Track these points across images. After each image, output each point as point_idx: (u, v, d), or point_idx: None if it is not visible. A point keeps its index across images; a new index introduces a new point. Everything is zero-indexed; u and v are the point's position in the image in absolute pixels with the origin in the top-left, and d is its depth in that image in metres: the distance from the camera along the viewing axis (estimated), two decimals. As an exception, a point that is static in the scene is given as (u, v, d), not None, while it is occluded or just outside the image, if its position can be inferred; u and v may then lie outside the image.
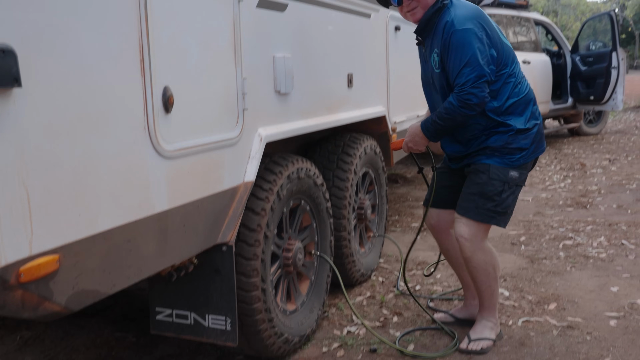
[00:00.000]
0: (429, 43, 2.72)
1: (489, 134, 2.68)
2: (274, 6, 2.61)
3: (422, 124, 2.72)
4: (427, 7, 2.64)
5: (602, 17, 9.37)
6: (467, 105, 2.52)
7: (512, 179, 2.69)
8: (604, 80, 8.94)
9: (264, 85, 2.57)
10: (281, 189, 2.69)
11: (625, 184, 6.46)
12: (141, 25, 1.85)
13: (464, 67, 2.50)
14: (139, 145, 1.87)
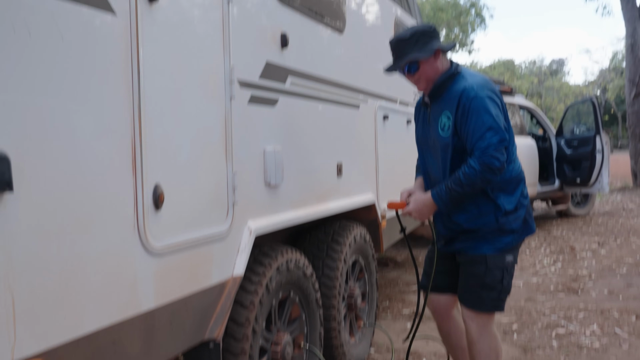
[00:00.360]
0: (437, 106, 2.73)
1: (479, 213, 2.68)
2: (264, 101, 2.68)
3: (434, 193, 2.66)
4: (431, 78, 2.70)
5: (585, 102, 9.65)
6: (490, 169, 2.51)
7: (509, 264, 2.70)
8: (589, 164, 9.10)
9: (254, 178, 2.60)
10: (270, 282, 2.67)
11: (615, 269, 6.45)
12: (134, 125, 1.89)
13: (487, 131, 2.52)
14: (128, 244, 1.87)
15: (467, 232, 2.73)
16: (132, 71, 1.89)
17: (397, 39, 2.71)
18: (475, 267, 2.70)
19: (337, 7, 3.47)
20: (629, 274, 6.19)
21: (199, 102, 2.22)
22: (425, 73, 2.69)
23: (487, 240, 2.68)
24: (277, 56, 2.77)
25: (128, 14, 1.87)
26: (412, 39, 2.66)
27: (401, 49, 2.69)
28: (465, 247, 2.75)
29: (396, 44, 2.71)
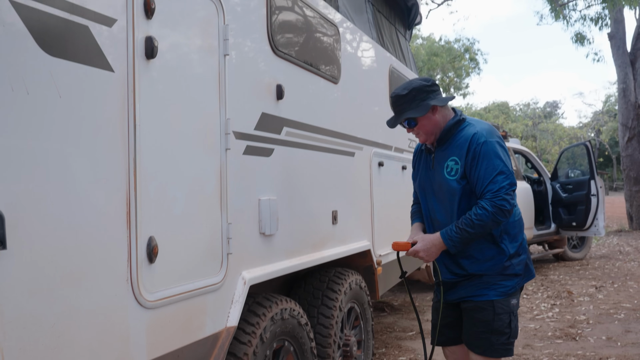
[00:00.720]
0: (442, 152, 2.77)
1: (484, 258, 2.69)
2: (260, 152, 2.71)
3: (444, 233, 2.65)
4: (431, 131, 2.74)
5: (579, 147, 9.74)
6: (501, 211, 2.54)
7: (514, 307, 2.71)
8: (584, 207, 9.13)
9: (249, 228, 2.61)
10: (264, 332, 2.65)
11: (613, 314, 6.40)
12: (129, 178, 1.91)
13: (498, 175, 2.56)
14: (120, 298, 1.87)
15: (471, 277, 2.72)
16: (129, 125, 1.92)
17: (395, 95, 2.75)
18: (482, 313, 2.69)
19: (332, 59, 3.54)
20: (627, 319, 6.14)
21: (195, 154, 2.24)
22: (424, 127, 2.74)
23: (491, 286, 2.69)
24: (272, 107, 2.82)
25: (126, 71, 1.92)
26: (409, 96, 2.70)
27: (399, 105, 2.74)
28: (470, 293, 2.74)
29: (395, 100, 2.76)
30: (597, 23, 14.61)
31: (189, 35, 2.23)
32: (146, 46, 1.99)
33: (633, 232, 15.09)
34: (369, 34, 4.36)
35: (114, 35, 1.88)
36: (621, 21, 15.53)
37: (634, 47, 15.60)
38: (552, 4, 15.32)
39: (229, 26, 2.47)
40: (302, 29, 3.18)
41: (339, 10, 3.80)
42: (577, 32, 15.36)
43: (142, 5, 1.99)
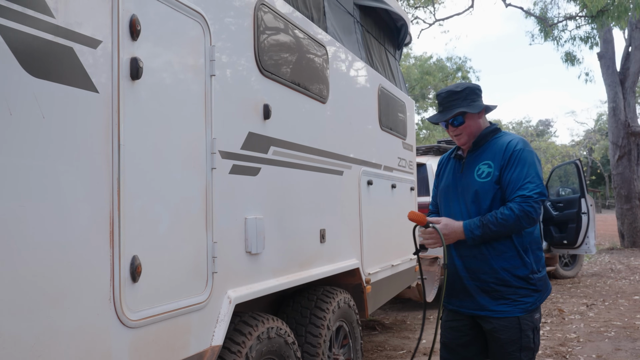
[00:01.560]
0: (475, 157, 2.81)
1: (522, 263, 2.69)
2: (246, 171, 2.73)
3: (466, 225, 2.67)
4: (472, 134, 2.80)
5: (569, 165, 9.81)
6: (527, 216, 2.58)
7: (537, 321, 2.73)
8: (575, 226, 9.16)
9: (234, 247, 2.62)
10: (250, 351, 2.65)
11: (603, 332, 6.41)
12: (113, 197, 1.93)
13: (529, 183, 2.62)
14: (103, 317, 1.87)
15: (495, 289, 2.71)
16: (113, 145, 1.94)
17: (449, 91, 2.80)
18: (508, 333, 2.68)
19: (321, 79, 3.57)
20: (618, 337, 6.15)
21: (180, 173, 2.26)
22: (469, 128, 2.79)
23: (512, 302, 2.68)
24: (259, 127, 2.84)
25: (110, 91, 1.94)
26: (463, 93, 2.77)
27: (451, 101, 2.78)
28: (490, 307, 2.72)
29: (447, 96, 2.79)
30: (587, 42, 14.76)
31: (174, 56, 2.26)
32: (131, 67, 2.02)
33: (625, 249, 15.13)
34: (357, 54, 4.40)
35: (99, 57, 1.91)
36: (610, 41, 15.72)
37: (623, 66, 15.78)
38: (541, 24, 15.49)
39: (216, 47, 2.50)
40: (290, 50, 3.22)
41: (328, 31, 3.84)
42: (567, 52, 15.51)
43: (128, 27, 2.02)
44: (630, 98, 15.50)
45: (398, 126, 5.25)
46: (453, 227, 2.69)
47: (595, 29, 14.45)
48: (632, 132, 15.33)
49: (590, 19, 13.33)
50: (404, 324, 6.97)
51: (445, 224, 2.69)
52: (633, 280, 10.15)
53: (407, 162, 5.53)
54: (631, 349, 5.62)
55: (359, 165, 4.18)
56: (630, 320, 6.89)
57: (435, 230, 2.68)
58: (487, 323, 2.75)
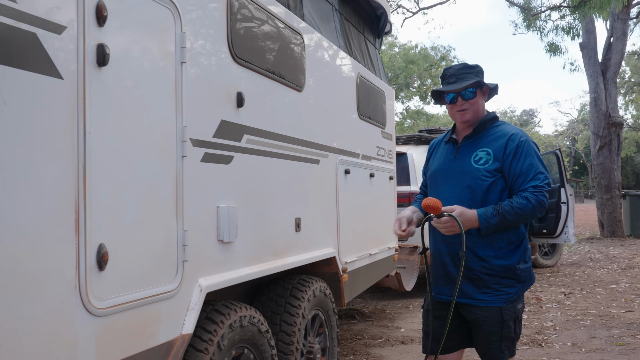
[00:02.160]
0: (471, 142, 2.82)
1: (508, 252, 2.73)
2: (218, 159, 2.71)
3: (481, 213, 2.63)
4: (477, 112, 2.82)
5: (549, 155, 9.87)
6: (541, 205, 2.64)
7: (520, 311, 2.77)
8: (555, 215, 9.24)
9: (206, 235, 2.61)
10: (222, 339, 2.65)
11: (580, 320, 6.49)
12: (79, 185, 1.91)
13: (539, 173, 2.68)
14: (68, 305, 1.86)
15: (479, 278, 2.72)
16: (78, 132, 1.92)
17: (463, 64, 2.84)
18: (491, 322, 2.71)
19: (297, 67, 3.56)
20: (593, 325, 6.24)
21: (149, 161, 2.24)
22: (477, 104, 2.81)
23: (495, 292, 2.71)
24: (232, 115, 2.83)
25: (76, 78, 1.91)
26: (476, 69, 2.83)
27: (465, 74, 2.80)
28: (472, 294, 2.74)
29: (461, 68, 2.82)
30: (569, 33, 14.83)
31: (143, 42, 2.24)
32: (98, 54, 1.99)
33: (604, 239, 15.31)
34: (336, 42, 4.39)
35: (64, 43, 1.88)
36: (592, 31, 15.81)
37: (604, 57, 15.89)
38: (525, 14, 15.54)
39: (187, 34, 2.48)
40: (265, 37, 3.20)
41: (305, 19, 3.82)
42: (551, 42, 15.59)
43: (94, 13, 1.99)
44: (611, 88, 15.63)
45: (377, 115, 5.26)
46: (468, 216, 2.64)
47: (577, 20, 14.52)
48: (613, 123, 15.48)
49: (572, 9, 13.38)
50: (383, 313, 7.02)
51: (460, 212, 2.63)
52: (611, 269, 10.29)
53: (387, 151, 5.54)
54: (606, 337, 5.71)
55: (336, 154, 4.18)
56: (606, 309, 6.99)
57: (453, 218, 2.60)
58: (470, 313, 2.78)
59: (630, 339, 5.58)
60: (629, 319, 6.45)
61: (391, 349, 5.39)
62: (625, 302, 7.39)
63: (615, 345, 5.40)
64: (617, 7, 12.78)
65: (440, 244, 2.83)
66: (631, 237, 15.20)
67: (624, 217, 15.52)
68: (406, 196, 7.34)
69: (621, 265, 10.71)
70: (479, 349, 2.83)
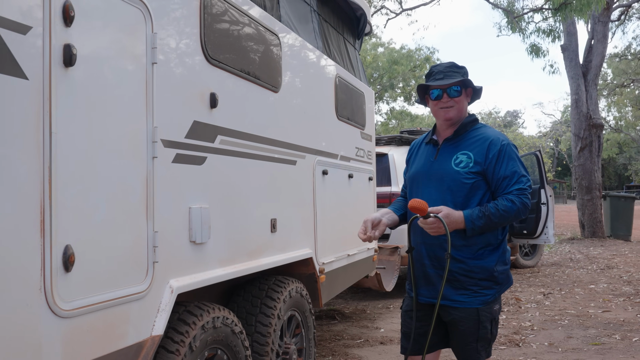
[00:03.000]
0: (451, 145, 2.83)
1: (483, 253, 2.74)
2: (191, 160, 2.71)
3: (467, 215, 2.65)
4: (460, 112, 2.83)
5: (529, 157, 9.95)
6: (525, 208, 2.68)
7: (496, 312, 2.79)
8: (535, 216, 9.32)
9: (177, 236, 2.61)
10: (194, 340, 2.65)
11: (557, 320, 6.56)
12: (44, 186, 1.90)
13: (522, 177, 2.72)
14: (33, 307, 1.85)
15: (457, 279, 2.74)
16: (44, 133, 1.90)
17: (450, 63, 2.86)
18: (467, 324, 2.73)
19: (272, 68, 3.56)
20: (571, 325, 6.30)
21: (118, 162, 2.23)
22: (461, 103, 2.83)
23: (472, 294, 2.73)
24: (205, 116, 2.82)
25: (41, 78, 1.90)
26: (463, 70, 2.86)
27: (452, 72, 2.82)
28: (449, 296, 2.76)
29: (449, 65, 2.85)
30: (550, 35, 14.96)
31: (112, 43, 2.23)
32: (64, 54, 1.98)
33: (585, 239, 15.46)
34: (314, 43, 4.39)
35: (29, 43, 1.87)
36: (574, 34, 15.96)
37: (585, 59, 16.05)
38: (508, 16, 15.65)
39: (158, 34, 2.47)
40: (240, 38, 3.20)
41: (282, 19, 3.83)
42: (532, 44, 15.70)
43: (61, 13, 1.98)
44: (592, 90, 15.79)
45: (356, 116, 5.27)
46: (454, 217, 2.65)
47: (558, 22, 14.65)
48: (594, 124, 15.63)
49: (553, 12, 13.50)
50: (363, 313, 7.03)
51: (446, 213, 2.64)
52: (590, 269, 10.40)
53: (366, 152, 5.56)
54: (582, 337, 5.77)
55: (314, 155, 4.18)
56: (584, 309, 7.06)
57: (439, 220, 2.61)
58: (447, 314, 2.80)
59: (606, 339, 5.64)
60: (605, 318, 6.52)
61: (370, 350, 5.41)
62: (603, 302, 7.48)
63: (592, 345, 5.46)
64: (596, 9, 12.92)
65: (420, 246, 2.85)
66: (611, 237, 15.36)
67: (604, 217, 15.69)
68: (387, 197, 7.37)
69: (600, 265, 10.82)
70: (455, 350, 2.85)
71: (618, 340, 5.57)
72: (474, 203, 2.73)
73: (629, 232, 15.31)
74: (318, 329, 6.19)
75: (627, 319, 6.46)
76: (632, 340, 5.55)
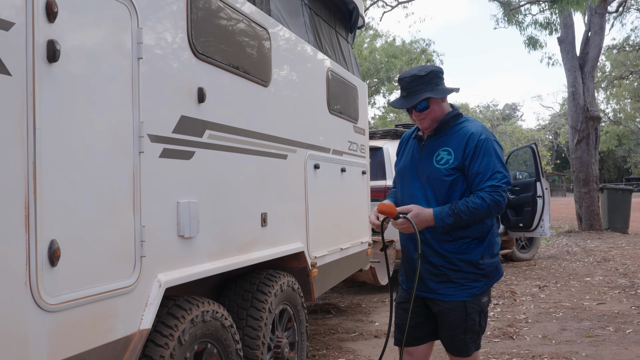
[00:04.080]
0: (435, 141, 2.83)
1: (467, 248, 2.76)
2: (179, 155, 2.72)
3: (437, 213, 2.68)
4: (435, 118, 2.81)
5: (525, 149, 9.97)
6: (498, 205, 2.67)
7: (485, 305, 2.81)
8: (531, 209, 9.34)
9: (165, 231, 2.62)
10: (183, 334, 2.66)
11: (552, 312, 6.58)
12: (28, 181, 1.91)
13: (497, 173, 2.69)
14: (18, 301, 1.86)
15: (444, 273, 2.77)
16: (28, 128, 1.91)
17: (412, 75, 2.77)
18: (454, 315, 2.76)
19: (262, 62, 3.56)
20: (565, 318, 6.32)
21: (104, 157, 2.24)
22: (433, 112, 2.80)
23: (459, 287, 2.75)
24: (193, 110, 2.83)
25: (25, 74, 1.91)
26: (427, 78, 2.76)
27: (415, 86, 2.76)
28: (438, 290, 2.79)
29: (411, 80, 2.77)
30: (547, 28, 14.95)
31: (97, 38, 2.23)
32: (48, 50, 1.99)
33: (582, 232, 15.50)
34: (305, 37, 4.39)
35: (12, 39, 1.88)
36: (570, 26, 15.95)
37: (582, 51, 16.04)
38: (504, 8, 15.63)
39: (144, 29, 2.47)
40: (228, 32, 3.20)
41: (271, 13, 3.83)
42: (530, 36, 15.69)
43: (44, 9, 1.98)
44: (589, 83, 15.79)
45: (349, 110, 5.27)
46: (424, 216, 2.70)
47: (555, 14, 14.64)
48: (591, 117, 15.64)
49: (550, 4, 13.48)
50: (359, 307, 7.06)
51: (415, 213, 2.69)
52: (587, 262, 10.42)
53: (359, 145, 5.57)
54: (576, 329, 5.79)
55: (305, 149, 4.19)
56: (579, 302, 7.08)
57: (407, 220, 2.68)
58: (435, 305, 2.83)
59: (600, 331, 5.67)
60: (600, 311, 6.54)
61: (364, 343, 5.43)
62: (598, 294, 7.50)
63: (585, 337, 5.48)
64: (593, 1, 12.90)
65: (407, 241, 2.90)
66: (608, 230, 15.38)
67: (601, 210, 15.70)
68: (382, 191, 7.38)
69: (597, 258, 10.85)
70: (444, 342, 2.87)
71: (612, 332, 5.60)
72: (456, 199, 2.74)
73: (627, 225, 15.33)
74: (313, 323, 6.22)
75: (622, 311, 6.48)
76: (626, 332, 5.58)
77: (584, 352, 4.96)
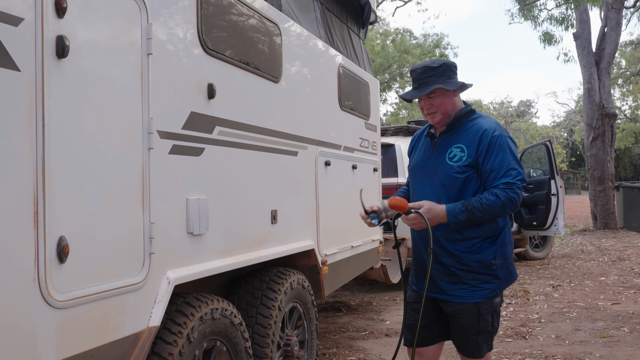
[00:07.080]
0: (447, 138, 2.80)
1: (479, 247, 2.72)
2: (188, 151, 2.70)
3: (450, 209, 2.63)
4: (447, 112, 2.76)
5: (539, 147, 9.88)
6: (512, 202, 2.62)
7: (497, 305, 2.77)
8: (545, 207, 9.26)
9: (175, 228, 2.61)
10: (192, 332, 2.65)
11: (566, 312, 6.51)
12: (37, 177, 1.90)
13: (511, 170, 2.64)
14: (27, 298, 1.86)
15: (455, 273, 2.74)
16: (37, 124, 1.91)
17: (425, 67, 2.74)
18: (466, 316, 2.73)
19: (273, 58, 3.54)
20: (579, 318, 6.26)
21: (113, 153, 2.23)
22: (444, 106, 2.76)
23: (471, 288, 2.72)
24: (203, 107, 2.81)
25: (34, 70, 1.90)
26: (439, 70, 2.72)
27: (427, 77, 2.73)
28: (449, 291, 2.76)
29: (422, 71, 2.74)
30: (562, 23, 14.79)
31: (106, 34, 2.22)
32: (57, 46, 1.98)
33: (597, 231, 15.35)
34: (316, 33, 4.37)
35: (21, 35, 1.87)
36: (586, 21, 15.77)
37: (598, 47, 15.86)
38: (520, 3, 15.49)
39: (153, 25, 2.46)
40: (238, 28, 3.18)
41: (282, 9, 3.80)
42: (545, 32, 15.55)
43: (53, 4, 1.97)
44: (605, 79, 15.61)
45: (360, 106, 5.24)
46: (436, 212, 2.65)
47: (571, 9, 14.49)
48: (607, 114, 15.47)
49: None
50: (370, 305, 7.03)
51: (427, 208, 2.64)
52: (602, 261, 10.32)
53: (370, 142, 5.53)
54: (590, 329, 5.73)
55: (316, 145, 4.17)
56: (593, 301, 7.01)
57: (419, 215, 2.62)
58: (447, 306, 2.80)
59: (614, 331, 5.60)
60: (615, 311, 6.47)
61: (374, 342, 5.40)
62: (612, 294, 7.42)
63: (599, 337, 5.42)
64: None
65: (418, 241, 2.87)
66: (624, 229, 15.22)
67: (617, 209, 15.54)
68: (393, 188, 7.33)
69: (612, 257, 10.74)
70: (456, 343, 2.84)
71: (626, 333, 5.53)
72: (468, 196, 2.70)
73: (643, 224, 15.16)
74: (323, 321, 6.20)
75: (637, 311, 6.40)
76: (640, 332, 5.51)
77: (598, 353, 4.90)
